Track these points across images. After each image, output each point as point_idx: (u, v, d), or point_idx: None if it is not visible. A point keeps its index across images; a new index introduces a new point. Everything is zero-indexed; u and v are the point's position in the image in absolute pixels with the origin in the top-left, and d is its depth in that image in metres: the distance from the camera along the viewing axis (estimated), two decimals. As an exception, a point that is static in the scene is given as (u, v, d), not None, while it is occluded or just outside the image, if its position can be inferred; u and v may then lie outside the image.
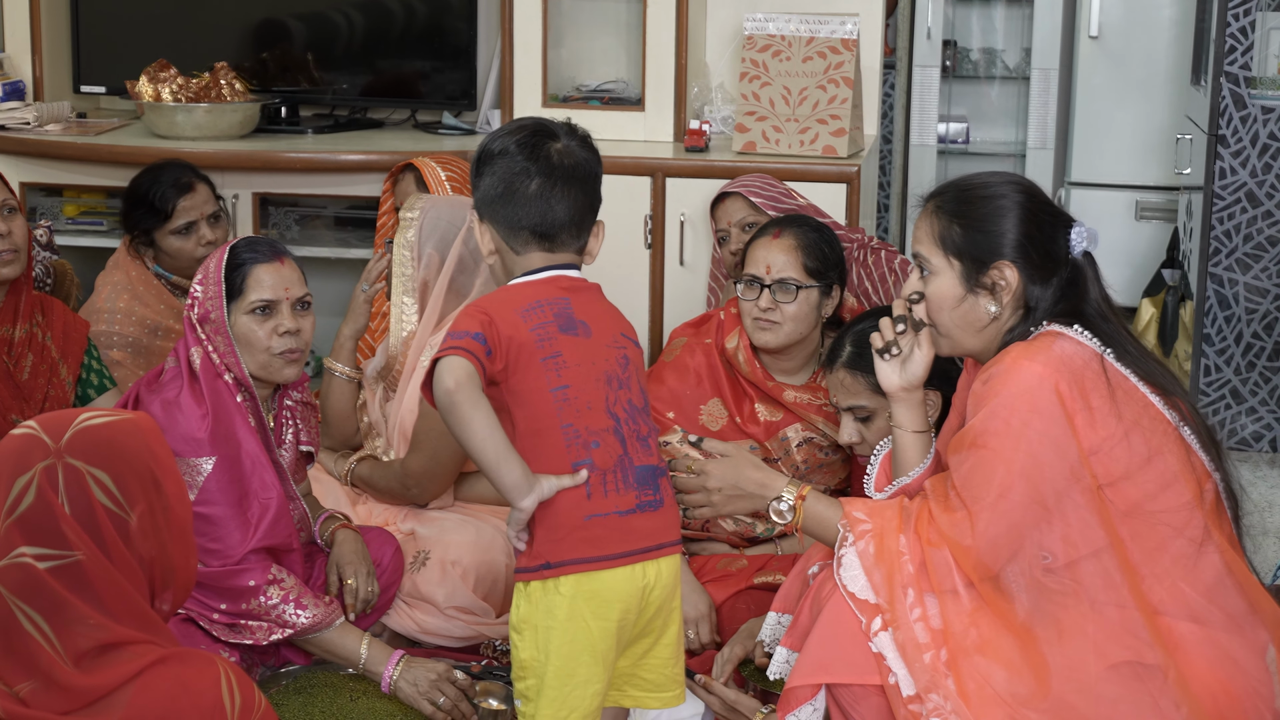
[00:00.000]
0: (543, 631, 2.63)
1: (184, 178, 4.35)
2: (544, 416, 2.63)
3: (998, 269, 2.81)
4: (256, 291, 3.39)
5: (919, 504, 2.84)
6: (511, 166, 2.70)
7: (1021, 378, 2.73)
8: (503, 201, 2.70)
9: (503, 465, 2.57)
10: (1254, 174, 5.05)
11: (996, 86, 7.34)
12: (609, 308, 2.79)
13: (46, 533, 2.00)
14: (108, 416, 2.08)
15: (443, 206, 3.83)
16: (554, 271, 2.73)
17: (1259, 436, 5.20)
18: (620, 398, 2.68)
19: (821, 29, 4.75)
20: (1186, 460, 2.78)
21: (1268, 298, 5.10)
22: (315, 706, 3.44)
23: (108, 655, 2.01)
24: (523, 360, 2.62)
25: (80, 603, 2.00)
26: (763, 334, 3.64)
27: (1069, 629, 2.74)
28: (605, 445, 2.64)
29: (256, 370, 3.42)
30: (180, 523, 2.10)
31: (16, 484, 2.00)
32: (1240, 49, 5.05)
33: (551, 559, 2.62)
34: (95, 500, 2.02)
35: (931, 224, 2.87)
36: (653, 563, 2.68)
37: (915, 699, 2.73)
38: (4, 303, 3.92)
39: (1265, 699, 2.75)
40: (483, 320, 2.61)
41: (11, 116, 5.08)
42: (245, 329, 3.39)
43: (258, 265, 3.42)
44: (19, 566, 1.99)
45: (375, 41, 5.36)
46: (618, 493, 2.64)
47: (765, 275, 3.61)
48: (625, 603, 2.65)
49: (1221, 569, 2.77)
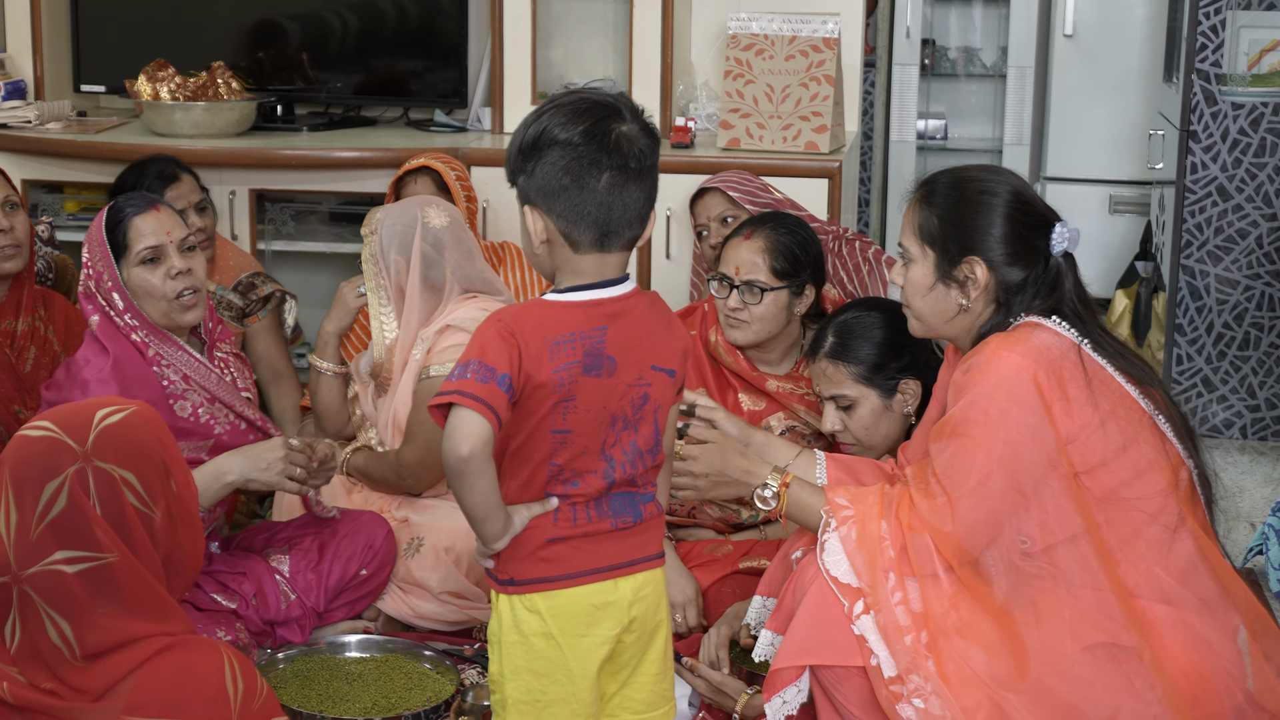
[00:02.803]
0: (508, 648, 2.52)
1: (169, 169, 4.33)
2: (537, 450, 2.47)
3: (968, 264, 2.81)
4: (140, 242, 3.40)
5: (900, 490, 2.85)
6: (579, 158, 2.41)
7: (1001, 368, 2.73)
8: (568, 194, 2.42)
9: (489, 521, 2.45)
10: (1224, 169, 5.06)
11: (974, 84, 7.34)
12: (651, 331, 2.52)
13: (80, 536, 1.98)
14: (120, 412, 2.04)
15: (395, 212, 3.83)
16: (600, 292, 2.47)
17: (1229, 424, 5.21)
18: (623, 439, 2.51)
19: (803, 28, 4.75)
20: (1161, 448, 2.79)
21: (1238, 289, 5.11)
22: (313, 689, 3.43)
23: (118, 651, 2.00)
24: (536, 398, 2.43)
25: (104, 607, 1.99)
26: (733, 331, 3.64)
27: (1046, 612, 2.74)
28: (586, 484, 2.49)
29: (159, 318, 3.43)
30: (189, 510, 2.09)
31: (47, 489, 1.98)
32: (1211, 47, 5.05)
33: (516, 577, 2.50)
34: (125, 501, 2.00)
35: (915, 213, 2.88)
36: (627, 579, 2.54)
37: (896, 680, 2.73)
38: (7, 297, 3.92)
39: (1236, 679, 2.76)
40: (512, 355, 2.38)
41: (13, 115, 5.07)
42: (139, 281, 3.40)
43: (135, 217, 3.43)
44: (52, 573, 1.98)
45: (368, 41, 5.35)
46: (589, 521, 2.51)
47: (735, 276, 3.61)
48: (590, 619, 2.52)
49: (1195, 553, 2.78)
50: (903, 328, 3.09)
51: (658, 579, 2.60)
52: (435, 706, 3.39)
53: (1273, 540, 4.06)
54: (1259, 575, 4.13)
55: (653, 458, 2.55)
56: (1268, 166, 5.03)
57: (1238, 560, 4.16)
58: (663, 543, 2.63)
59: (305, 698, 3.39)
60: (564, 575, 2.50)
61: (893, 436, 3.32)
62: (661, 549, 2.61)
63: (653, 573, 2.59)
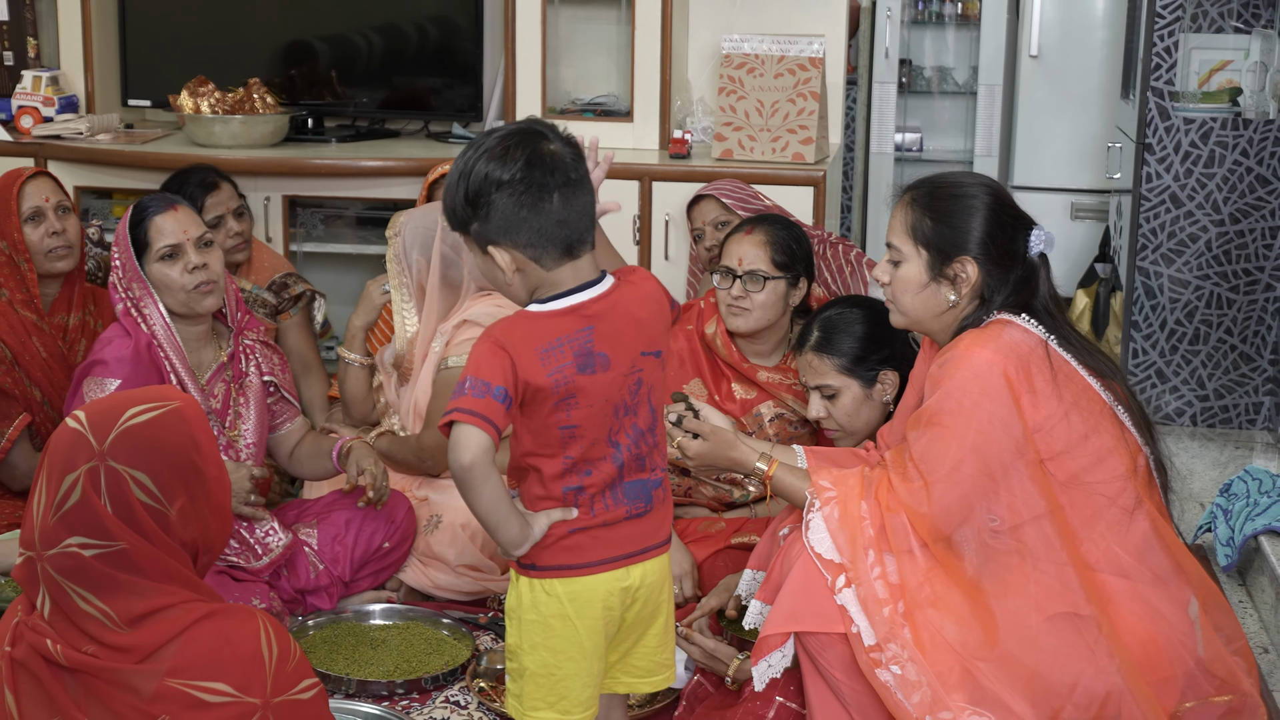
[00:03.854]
0: (526, 625, 2.50)
1: (209, 177, 4.33)
2: (548, 445, 2.44)
3: (960, 263, 2.81)
4: (160, 240, 3.43)
5: (879, 474, 2.84)
6: (529, 187, 2.35)
7: (973, 363, 2.73)
8: (527, 224, 2.37)
9: (501, 527, 2.42)
10: (1177, 178, 5.05)
11: (947, 100, 7.33)
12: (635, 320, 2.48)
13: (91, 527, 1.97)
14: (152, 411, 2.02)
15: (417, 216, 3.83)
16: (580, 296, 2.43)
17: (1181, 412, 5.20)
18: (626, 424, 2.47)
19: (791, 49, 4.74)
20: (1120, 437, 2.79)
21: (1188, 288, 5.10)
22: (340, 654, 3.43)
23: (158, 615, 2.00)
24: (537, 400, 2.40)
25: (127, 578, 1.98)
26: (735, 319, 3.63)
27: (1013, 585, 2.74)
28: (599, 471, 2.46)
29: (179, 308, 3.45)
30: (219, 501, 2.07)
31: (65, 481, 1.98)
32: (1165, 66, 5.04)
33: (537, 563, 2.48)
34: (134, 499, 1.98)
35: (906, 215, 2.86)
36: (638, 566, 2.52)
37: (875, 647, 2.73)
38: (59, 294, 3.92)
39: (1188, 647, 2.76)
40: (505, 367, 2.35)
41: (66, 127, 5.06)
42: (159, 274, 3.43)
43: (156, 217, 3.45)
44: (68, 554, 1.97)
45: (392, 60, 5.34)
46: (606, 510, 2.48)
47: (737, 267, 3.61)
48: (607, 602, 2.50)
49: (1150, 533, 2.77)
50: (882, 323, 3.09)
51: (664, 563, 2.58)
52: (453, 669, 3.39)
53: (1220, 519, 4.06)
54: (1208, 551, 4.13)
55: (653, 435, 2.53)
56: (1216, 176, 5.02)
57: (1189, 538, 4.16)
58: (669, 529, 2.61)
59: (333, 661, 3.39)
60: (583, 564, 2.48)
61: (873, 423, 3.32)
62: (669, 535, 2.60)
63: (661, 558, 2.57)
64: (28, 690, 2.01)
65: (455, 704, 3.30)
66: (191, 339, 3.50)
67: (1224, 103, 5.05)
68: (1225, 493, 4.14)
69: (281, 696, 2.00)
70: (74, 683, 1.98)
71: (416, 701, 3.30)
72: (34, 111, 5.07)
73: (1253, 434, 5.13)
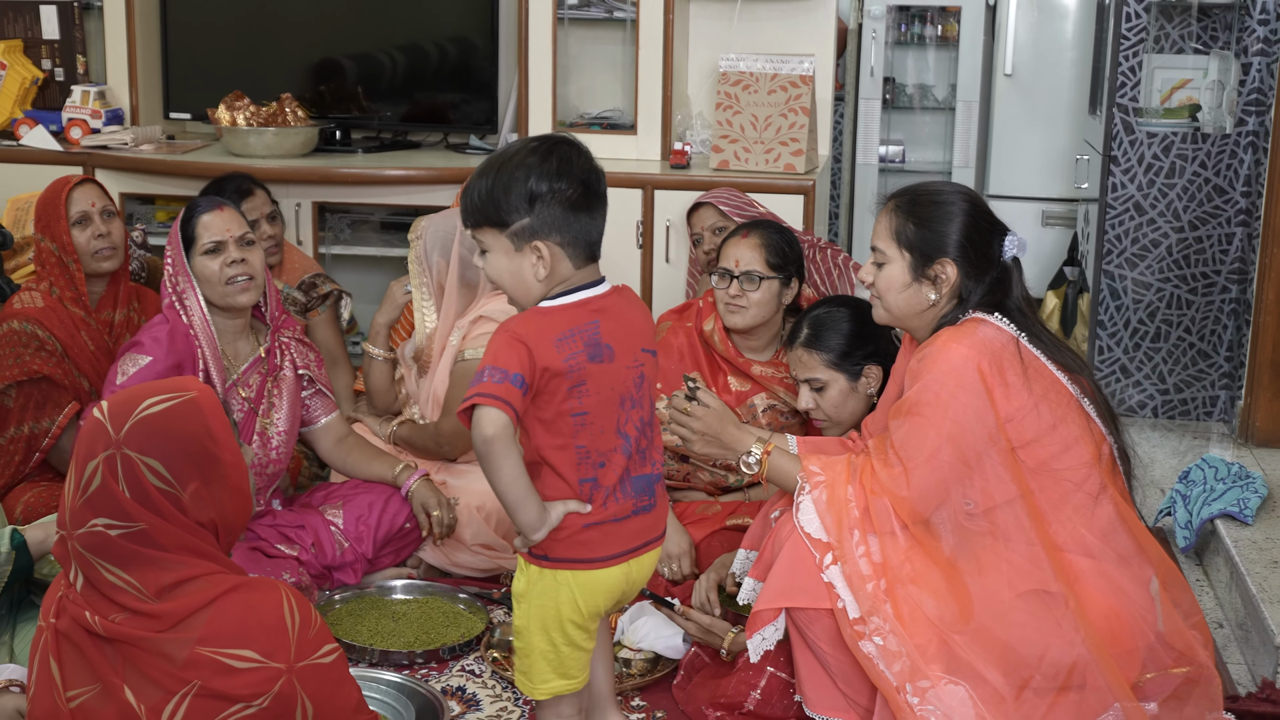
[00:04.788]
0: (535, 608, 2.51)
1: (244, 184, 4.32)
2: (561, 435, 2.44)
3: (940, 265, 2.80)
4: (205, 236, 3.46)
5: (864, 460, 2.84)
6: (580, 195, 2.42)
7: (950, 358, 2.72)
8: (569, 226, 2.43)
9: (521, 506, 2.42)
10: (1140, 188, 5.05)
11: (928, 115, 7.32)
12: (632, 319, 2.53)
13: (111, 509, 1.98)
14: (167, 402, 2.02)
15: (438, 221, 3.84)
16: (585, 293, 2.47)
17: (1143, 405, 5.19)
18: (632, 416, 2.48)
19: (783, 67, 4.73)
20: (1086, 427, 2.78)
21: (1150, 290, 5.09)
22: (363, 625, 3.43)
23: (185, 586, 2.00)
24: (552, 387, 2.41)
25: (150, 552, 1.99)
26: (732, 316, 3.63)
27: (986, 564, 2.74)
28: (611, 464, 2.46)
29: (217, 300, 3.47)
30: (236, 484, 2.07)
31: (88, 467, 1.98)
32: (1129, 84, 5.04)
33: (550, 555, 2.48)
34: (148, 483, 1.99)
35: (890, 220, 2.86)
36: (639, 559, 2.54)
37: (860, 621, 2.72)
38: (105, 291, 3.91)
39: (1148, 621, 2.75)
40: (521, 356, 2.37)
41: (113, 138, 5.06)
42: (202, 267, 3.45)
43: (203, 215, 3.48)
44: (93, 533, 1.98)
45: (413, 77, 5.33)
46: (616, 503, 2.48)
47: (735, 268, 3.61)
48: (610, 592, 2.53)
49: (1114, 516, 2.77)
50: (867, 321, 3.09)
51: (657, 554, 2.61)
52: (468, 641, 3.38)
53: (1179, 504, 4.05)
54: (1168, 534, 4.12)
55: (651, 430, 2.54)
56: (1176, 186, 5.01)
57: (1150, 521, 4.15)
58: (667, 520, 2.62)
59: (357, 632, 3.39)
60: (594, 559, 2.49)
61: (858, 413, 3.31)
62: (664, 528, 2.61)
63: (656, 550, 2.60)
64: (70, 659, 2.02)
65: (470, 673, 3.30)
66: (228, 331, 3.51)
67: (1184, 118, 5.04)
68: (1184, 479, 4.13)
69: (304, 661, 2.01)
70: (112, 651, 1.99)
71: (434, 670, 3.30)
72: (83, 124, 5.06)
73: (1209, 425, 5.12)
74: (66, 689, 2.00)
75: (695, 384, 3.01)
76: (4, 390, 3.69)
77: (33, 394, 3.69)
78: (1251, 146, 4.93)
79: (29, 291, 3.82)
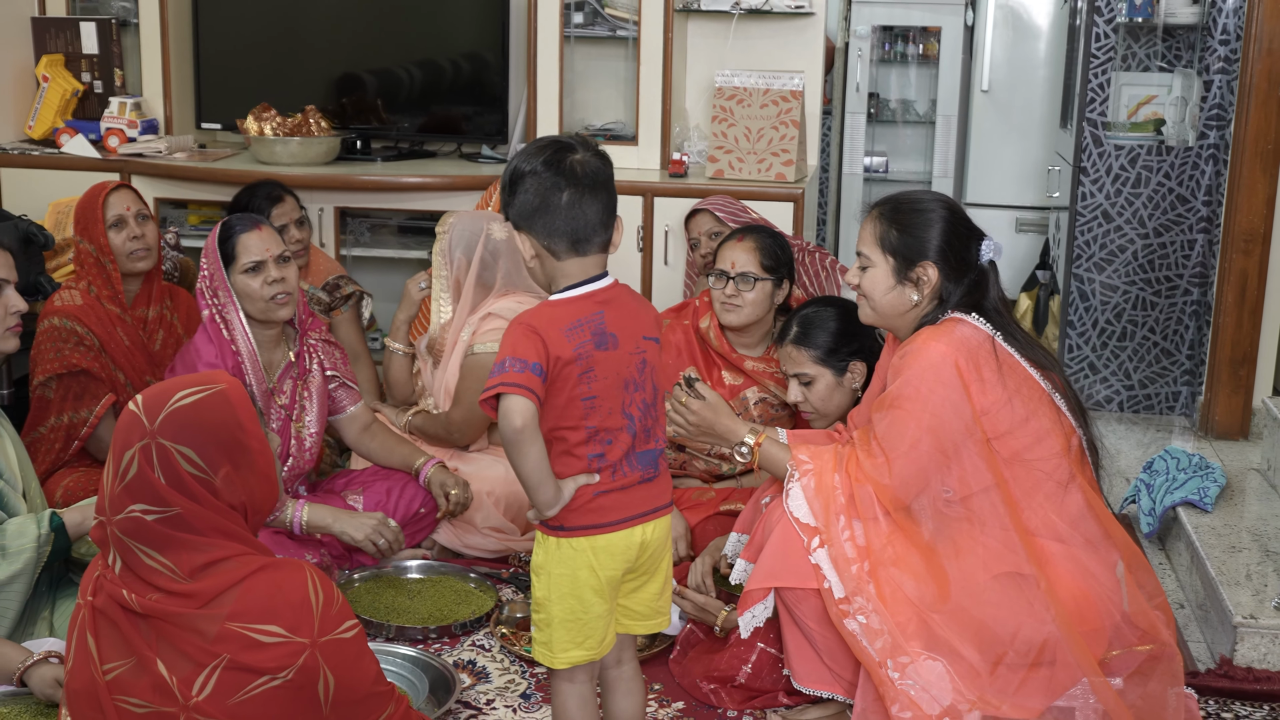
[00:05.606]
0: (555, 578, 2.48)
1: (275, 191, 4.32)
2: (573, 418, 2.43)
3: (922, 268, 2.79)
4: (246, 255, 3.42)
5: (849, 451, 2.84)
6: (543, 183, 2.40)
7: (929, 355, 2.72)
8: (540, 213, 2.41)
9: (540, 487, 2.41)
10: (1108, 197, 5.04)
11: (909, 129, 7.32)
12: (634, 310, 2.51)
13: (148, 495, 1.97)
14: (198, 394, 2.02)
15: (465, 220, 3.82)
16: (589, 286, 2.45)
17: (1110, 399, 5.19)
18: (635, 399, 2.47)
19: (775, 83, 4.73)
20: (1057, 420, 2.78)
21: (1117, 293, 5.09)
22: (381, 601, 3.43)
23: (216, 566, 2.00)
24: (564, 374, 2.40)
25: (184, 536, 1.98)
26: (728, 314, 3.62)
27: (963, 548, 2.73)
28: (618, 441, 2.46)
29: (258, 314, 3.45)
30: (263, 469, 2.07)
31: (124, 457, 1.98)
32: (1098, 100, 5.03)
33: (566, 524, 2.46)
34: (182, 470, 1.98)
35: (875, 227, 2.85)
36: (648, 524, 2.51)
37: (844, 600, 2.72)
38: (140, 290, 3.91)
39: (1114, 602, 2.75)
40: (537, 346, 2.37)
41: (148, 146, 5.05)
42: (243, 285, 3.42)
43: (243, 234, 3.44)
44: (131, 519, 1.98)
45: (429, 91, 5.32)
46: (624, 475, 2.47)
47: (731, 270, 3.60)
48: (625, 554, 2.50)
49: (1083, 504, 2.77)
50: (853, 320, 3.08)
51: (667, 524, 2.57)
52: (479, 617, 3.38)
53: (1143, 492, 4.05)
54: (1133, 520, 4.12)
55: (655, 410, 2.53)
56: (1142, 196, 5.01)
57: (1116, 508, 4.15)
58: (670, 494, 2.60)
59: (375, 609, 3.38)
60: (605, 524, 2.47)
61: (843, 406, 3.30)
62: (670, 499, 2.58)
63: (665, 519, 2.56)
64: (106, 633, 2.01)
65: (480, 647, 3.29)
66: (265, 341, 3.50)
67: (1149, 132, 5.04)
68: (1148, 469, 4.13)
69: (327, 636, 2.00)
70: (146, 627, 1.98)
71: (447, 644, 3.29)
72: (120, 133, 5.05)
73: (1172, 419, 5.12)
74: (103, 662, 2.00)
75: (693, 379, 3.01)
76: (45, 382, 3.69)
77: (71, 386, 3.69)
78: (1212, 159, 4.92)
79: (68, 290, 3.81)
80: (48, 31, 5.24)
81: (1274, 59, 4.51)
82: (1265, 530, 3.72)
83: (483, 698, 3.08)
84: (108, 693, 1.99)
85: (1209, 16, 4.88)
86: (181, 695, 1.95)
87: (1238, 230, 4.62)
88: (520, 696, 3.08)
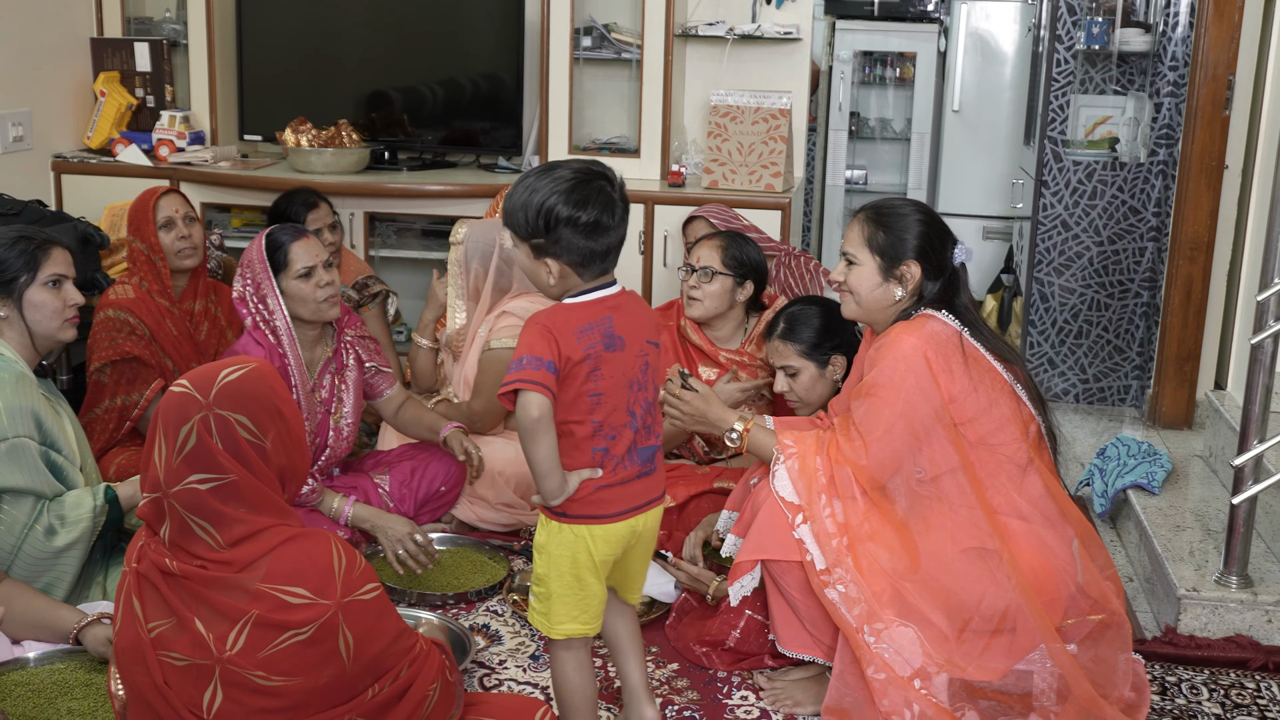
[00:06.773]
0: (555, 558, 2.48)
1: (310, 198, 4.31)
2: (580, 413, 2.41)
3: (906, 265, 2.79)
4: (298, 262, 3.38)
5: (830, 435, 2.83)
6: (591, 228, 2.35)
7: (901, 347, 2.71)
8: (582, 249, 2.36)
9: (549, 476, 2.39)
10: (1067, 208, 5.03)
11: (887, 145, 7.31)
12: (640, 316, 2.48)
13: (207, 463, 1.97)
14: (240, 370, 2.03)
15: (478, 231, 3.81)
16: (600, 293, 2.42)
17: (1067, 391, 5.18)
18: (638, 398, 2.46)
19: (765, 102, 4.71)
20: (1017, 409, 2.77)
21: (1074, 295, 5.08)
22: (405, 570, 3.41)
23: (252, 538, 2.00)
24: (574, 372, 2.38)
25: (233, 510, 1.98)
26: (691, 306, 3.66)
27: (933, 524, 2.72)
28: (621, 437, 2.44)
29: (310, 316, 3.42)
30: (298, 436, 2.08)
31: (182, 431, 1.97)
32: (1059, 120, 5.02)
33: (569, 512, 2.45)
34: (239, 436, 1.98)
35: (861, 229, 2.84)
36: (643, 515, 2.51)
37: (825, 572, 2.71)
38: (187, 285, 3.91)
39: (1070, 574, 2.74)
40: (551, 346, 2.34)
41: (195, 156, 5.04)
42: (296, 290, 3.39)
43: (293, 245, 3.41)
44: (189, 491, 1.97)
45: (451, 107, 5.31)
46: (624, 469, 2.46)
47: (696, 263, 3.63)
48: (621, 540, 2.50)
49: (1042, 486, 2.76)
50: (834, 317, 3.08)
51: (659, 513, 2.57)
52: (492, 585, 3.38)
53: (1097, 476, 4.04)
54: (1087, 501, 4.11)
55: (655, 409, 2.52)
56: (1097, 207, 4.99)
57: (1072, 490, 4.14)
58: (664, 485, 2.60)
59: (399, 578, 3.37)
60: (606, 514, 2.46)
61: (825, 396, 3.30)
62: (664, 490, 2.58)
63: (658, 509, 2.56)
64: (149, 596, 2.02)
65: (494, 613, 3.29)
66: (307, 340, 3.48)
67: (1105, 149, 5.02)
68: (1101, 455, 4.12)
69: (349, 597, 2.01)
70: (184, 590, 1.99)
71: (464, 610, 3.29)
72: (170, 143, 5.04)
73: (1123, 409, 5.11)
74: (147, 621, 2.00)
75: (685, 374, 3.01)
76: (100, 368, 3.68)
77: (124, 371, 3.69)
78: (1162, 174, 4.91)
79: (122, 285, 3.81)
80: (105, 51, 5.23)
81: (1218, 84, 4.50)
82: (1207, 511, 3.72)
83: (495, 658, 3.07)
84: (152, 649, 1.99)
85: (1159, 45, 4.87)
86: (216, 649, 1.96)
87: (1184, 239, 4.60)
88: (530, 658, 3.08)
